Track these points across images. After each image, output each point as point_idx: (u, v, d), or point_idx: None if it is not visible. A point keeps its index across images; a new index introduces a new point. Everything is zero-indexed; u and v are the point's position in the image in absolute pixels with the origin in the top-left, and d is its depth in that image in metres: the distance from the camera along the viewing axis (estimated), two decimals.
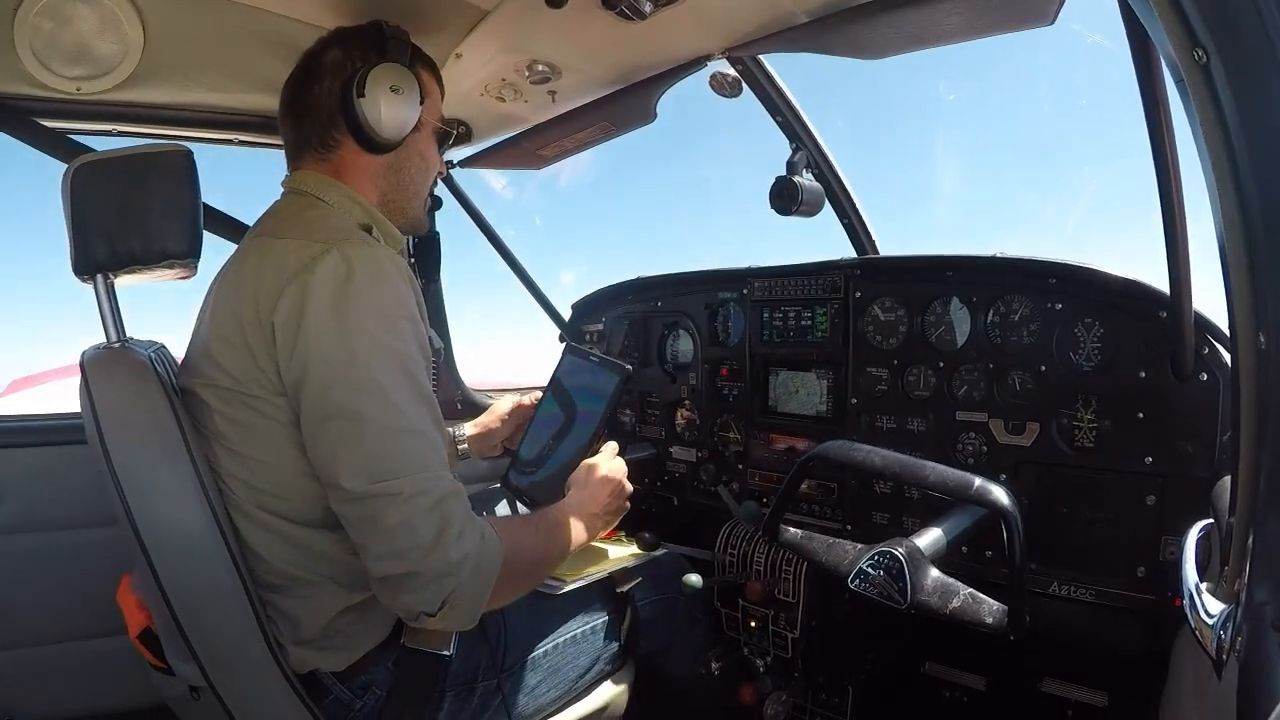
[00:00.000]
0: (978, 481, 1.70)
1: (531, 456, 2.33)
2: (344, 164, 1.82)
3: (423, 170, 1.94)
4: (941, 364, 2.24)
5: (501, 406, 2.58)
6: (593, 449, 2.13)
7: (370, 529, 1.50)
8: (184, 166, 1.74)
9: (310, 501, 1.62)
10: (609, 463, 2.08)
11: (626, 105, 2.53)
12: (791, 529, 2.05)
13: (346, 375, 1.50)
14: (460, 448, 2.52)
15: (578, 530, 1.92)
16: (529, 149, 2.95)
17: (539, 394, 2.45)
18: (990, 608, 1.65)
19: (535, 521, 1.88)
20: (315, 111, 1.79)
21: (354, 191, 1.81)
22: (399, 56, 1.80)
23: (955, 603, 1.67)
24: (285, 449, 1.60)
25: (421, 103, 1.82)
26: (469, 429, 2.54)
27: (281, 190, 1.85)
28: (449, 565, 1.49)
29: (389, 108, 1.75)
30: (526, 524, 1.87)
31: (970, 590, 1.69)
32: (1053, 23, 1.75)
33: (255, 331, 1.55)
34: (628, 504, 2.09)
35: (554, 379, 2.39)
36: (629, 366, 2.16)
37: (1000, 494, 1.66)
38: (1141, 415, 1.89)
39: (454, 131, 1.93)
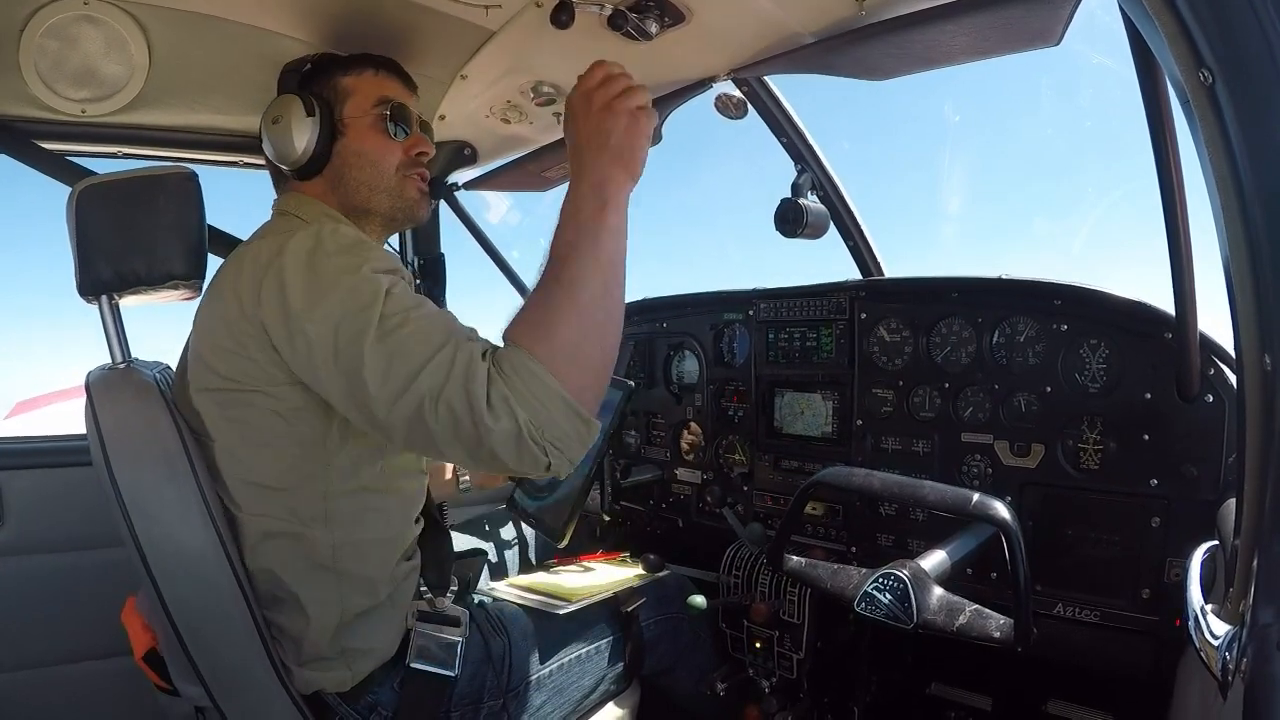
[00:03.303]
0: (976, 496, 1.70)
1: None
2: (301, 192, 1.86)
3: (368, 165, 1.86)
4: (947, 385, 2.24)
5: None
6: (595, 465, 2.13)
7: (426, 437, 1.40)
8: (189, 188, 1.76)
9: (310, 497, 1.63)
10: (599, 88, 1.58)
11: None
12: (795, 558, 2.04)
13: (341, 319, 1.43)
14: (463, 480, 2.54)
15: (606, 189, 1.48)
16: (534, 171, 2.96)
17: None
18: (997, 622, 1.65)
19: (546, 281, 1.46)
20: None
21: (328, 207, 1.83)
22: (287, 86, 1.88)
23: (962, 619, 1.67)
24: (283, 442, 1.60)
25: (332, 110, 1.83)
26: None
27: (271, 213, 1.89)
28: (498, 424, 1.34)
29: (271, 139, 1.81)
30: (539, 295, 1.46)
31: (976, 606, 1.69)
32: (1058, 44, 1.75)
33: (243, 326, 1.54)
34: (651, 122, 1.58)
35: None
36: (632, 383, 2.16)
37: (999, 507, 1.66)
38: (1147, 437, 1.89)
39: (392, 106, 1.86)
